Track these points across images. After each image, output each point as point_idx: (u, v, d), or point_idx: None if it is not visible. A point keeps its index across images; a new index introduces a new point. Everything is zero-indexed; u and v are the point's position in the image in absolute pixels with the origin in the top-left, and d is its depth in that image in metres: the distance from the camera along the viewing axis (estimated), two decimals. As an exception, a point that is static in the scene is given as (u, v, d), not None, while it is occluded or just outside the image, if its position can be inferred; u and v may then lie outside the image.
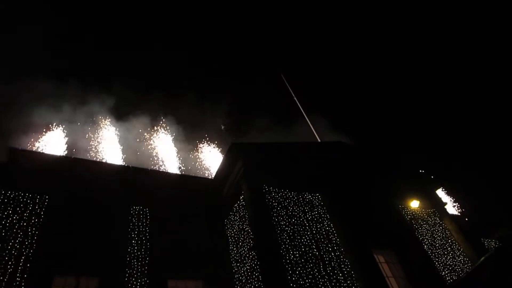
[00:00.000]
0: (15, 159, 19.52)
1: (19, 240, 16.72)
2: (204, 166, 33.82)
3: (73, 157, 23.55)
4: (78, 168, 21.19)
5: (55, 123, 29.39)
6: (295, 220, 20.08)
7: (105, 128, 32.20)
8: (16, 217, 17.43)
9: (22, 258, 16.24)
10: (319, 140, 34.80)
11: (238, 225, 21.33)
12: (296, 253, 18.37)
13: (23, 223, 17.38)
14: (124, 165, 23.95)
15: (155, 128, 35.91)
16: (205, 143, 35.90)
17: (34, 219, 17.78)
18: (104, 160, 27.48)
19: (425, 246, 23.50)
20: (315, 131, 36.43)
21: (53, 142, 27.24)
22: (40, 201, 18.52)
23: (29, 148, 24.86)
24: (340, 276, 18.20)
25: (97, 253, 18.12)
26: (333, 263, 18.69)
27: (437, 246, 24.18)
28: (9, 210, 17.51)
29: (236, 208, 21.96)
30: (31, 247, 16.79)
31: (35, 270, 16.14)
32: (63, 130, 28.69)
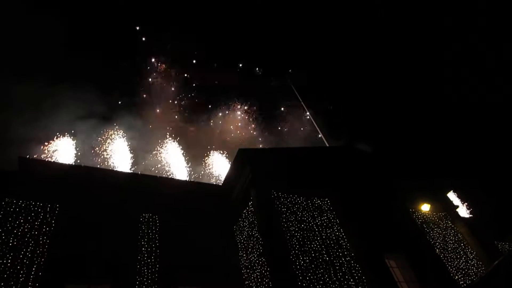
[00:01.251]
0: (25, 168, 19.75)
1: (30, 249, 16.88)
2: (213, 172, 33.92)
3: (83, 165, 23.78)
4: (88, 176, 21.35)
5: (65, 132, 29.77)
6: (304, 225, 19.99)
7: (115, 136, 32.49)
8: (27, 226, 17.61)
9: (34, 267, 16.38)
10: (327, 145, 34.71)
11: (247, 231, 21.29)
12: (306, 259, 18.26)
13: (34, 232, 17.54)
14: (133, 173, 24.16)
15: (165, 138, 36.19)
16: (213, 150, 36.01)
17: (46, 228, 17.93)
18: (113, 168, 27.67)
19: (437, 250, 23.23)
20: (323, 136, 36.36)
21: (62, 151, 27.56)
22: (51, 210, 18.69)
23: (38, 157, 25.15)
24: (351, 282, 18.03)
25: (108, 261, 18.21)
26: (344, 269, 18.53)
27: (450, 250, 23.88)
28: (21, 219, 17.69)
29: (245, 214, 21.94)
30: (42, 255, 16.93)
31: (47, 278, 16.26)
32: (72, 138, 29.02)
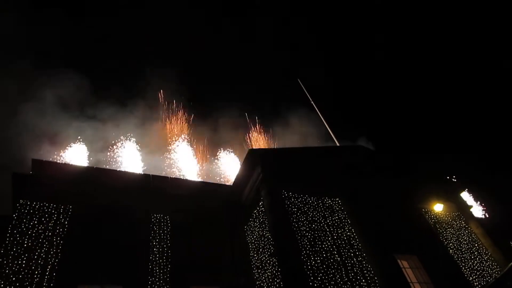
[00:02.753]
0: (39, 170, 20.03)
1: (44, 250, 17.11)
2: (223, 173, 33.97)
3: (95, 167, 24.04)
4: (100, 178, 21.59)
5: (77, 135, 30.13)
6: (315, 225, 19.91)
7: (126, 139, 32.76)
8: (41, 227, 17.86)
9: (48, 268, 16.61)
10: (338, 144, 34.51)
11: (258, 231, 21.29)
12: (318, 259, 18.19)
13: (48, 233, 17.78)
14: (144, 174, 24.27)
15: (175, 137, 36.34)
16: (223, 150, 36.05)
17: (59, 229, 18.17)
18: (124, 170, 27.89)
19: (451, 250, 22.90)
20: (334, 136, 36.16)
21: (74, 153, 27.89)
22: (64, 211, 18.93)
23: (51, 159, 25.48)
24: (363, 282, 17.90)
25: (120, 261, 18.38)
26: (356, 269, 18.41)
27: (463, 251, 23.52)
28: (35, 220, 17.95)
29: (255, 214, 21.94)
30: (56, 256, 17.15)
31: (60, 279, 16.46)
32: (82, 141, 29.33)
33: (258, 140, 42.13)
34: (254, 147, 37.67)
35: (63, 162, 24.92)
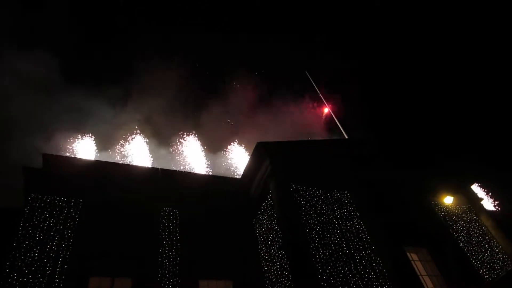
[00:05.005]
0: (49, 164, 20.26)
1: (56, 243, 17.36)
2: (232, 166, 34.00)
3: (104, 161, 24.23)
4: (110, 172, 21.78)
5: (87, 130, 30.41)
6: (324, 218, 19.85)
7: (136, 132, 32.98)
8: (52, 220, 18.11)
9: (59, 260, 16.85)
10: (346, 137, 34.30)
11: (266, 224, 21.32)
12: (326, 252, 18.16)
13: (59, 226, 18.02)
14: (153, 168, 24.42)
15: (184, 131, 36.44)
16: (232, 143, 36.04)
17: (70, 222, 18.41)
18: (134, 164, 28.08)
19: (461, 243, 22.69)
20: (343, 128, 35.92)
21: (84, 147, 28.14)
22: (74, 205, 19.15)
23: (62, 153, 25.74)
24: (372, 275, 17.85)
25: (130, 254, 18.59)
26: (364, 262, 18.34)
27: (474, 244, 23.28)
28: (46, 214, 18.20)
29: (264, 207, 21.96)
30: (67, 249, 17.40)
31: (71, 271, 16.72)
32: (91, 136, 29.57)
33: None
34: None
35: (73, 156, 25.13)
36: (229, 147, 35.54)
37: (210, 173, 30.39)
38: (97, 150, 28.72)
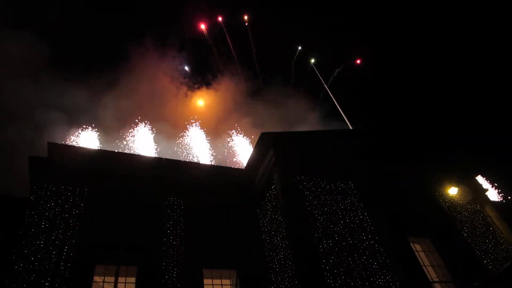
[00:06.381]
0: (55, 153, 20.32)
1: (61, 231, 17.53)
2: (236, 156, 34.01)
3: (109, 150, 24.28)
4: (115, 161, 21.84)
5: (92, 119, 30.45)
6: (328, 208, 19.87)
7: (140, 123, 32.97)
8: (58, 209, 18.25)
9: (65, 248, 17.03)
10: (351, 128, 34.19)
11: (270, 215, 21.38)
12: (330, 242, 18.22)
13: (65, 215, 18.18)
14: (158, 158, 24.45)
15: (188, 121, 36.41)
16: (236, 133, 36.01)
17: (75, 211, 18.55)
18: (139, 154, 28.13)
19: (465, 234, 22.69)
20: (347, 118, 35.80)
21: (89, 137, 28.20)
22: (80, 194, 19.28)
23: (67, 143, 25.78)
24: (375, 265, 17.91)
25: (135, 243, 18.75)
26: (368, 252, 18.40)
27: (478, 234, 23.27)
28: (51, 202, 18.34)
29: (268, 198, 22.00)
30: (73, 237, 17.56)
31: (77, 259, 16.90)
32: (94, 127, 29.59)
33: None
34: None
35: (79, 145, 25.17)
36: (234, 136, 35.49)
37: (215, 163, 30.43)
38: (100, 138, 28.74)
